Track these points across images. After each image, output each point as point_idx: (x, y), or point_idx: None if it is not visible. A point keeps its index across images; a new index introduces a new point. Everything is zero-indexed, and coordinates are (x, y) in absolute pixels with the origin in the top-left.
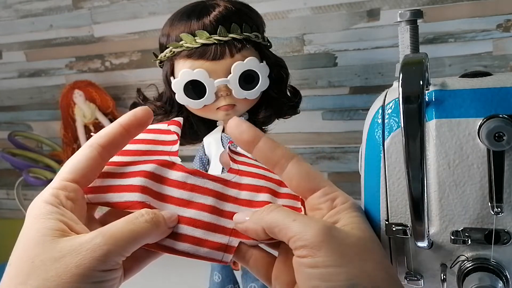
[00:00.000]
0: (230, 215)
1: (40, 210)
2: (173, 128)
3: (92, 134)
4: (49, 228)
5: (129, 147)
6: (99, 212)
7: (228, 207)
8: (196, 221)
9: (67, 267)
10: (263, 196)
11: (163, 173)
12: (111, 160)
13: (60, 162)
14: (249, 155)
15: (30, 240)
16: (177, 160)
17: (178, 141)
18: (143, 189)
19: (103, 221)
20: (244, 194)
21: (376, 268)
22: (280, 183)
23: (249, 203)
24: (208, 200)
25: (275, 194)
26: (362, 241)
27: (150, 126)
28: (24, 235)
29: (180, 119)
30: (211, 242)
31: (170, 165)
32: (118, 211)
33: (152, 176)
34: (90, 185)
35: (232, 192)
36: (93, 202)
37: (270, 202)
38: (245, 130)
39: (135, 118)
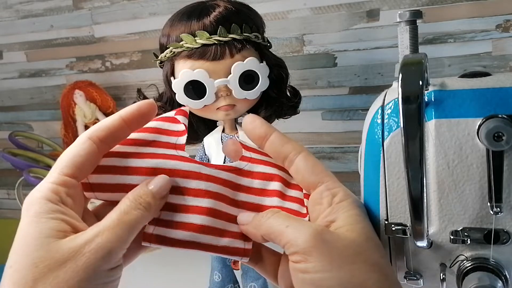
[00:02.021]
0: (244, 205)
1: (41, 208)
2: (180, 118)
3: None
4: (52, 228)
5: (133, 135)
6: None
7: (242, 197)
8: (216, 211)
9: (74, 270)
10: (274, 185)
11: (175, 166)
12: (114, 149)
13: None
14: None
15: (32, 242)
16: (185, 154)
17: (186, 133)
18: None
19: (97, 213)
20: (257, 183)
21: (369, 271)
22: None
23: (262, 192)
24: (224, 190)
25: (286, 183)
26: (355, 243)
27: None
28: (24, 236)
29: (186, 109)
30: (231, 232)
31: (179, 158)
32: (111, 202)
33: (163, 171)
34: (97, 181)
35: (245, 181)
36: (100, 199)
37: (281, 192)
38: (258, 125)
39: (138, 112)
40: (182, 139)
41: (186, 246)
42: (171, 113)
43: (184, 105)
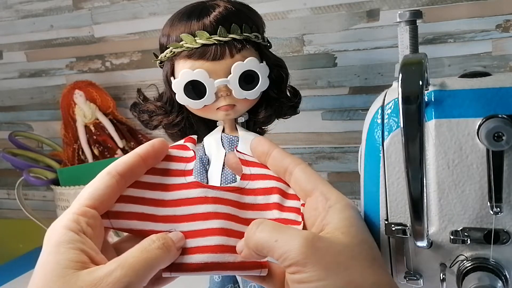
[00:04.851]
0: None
1: (61, 237)
2: (189, 145)
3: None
4: (70, 260)
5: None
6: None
7: (249, 214)
8: (227, 230)
9: None
10: (274, 197)
11: (184, 195)
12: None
13: (61, 162)
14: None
15: (51, 272)
16: (192, 179)
17: (195, 159)
18: (167, 218)
19: (117, 248)
20: (260, 199)
21: (364, 274)
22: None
23: (266, 206)
24: (232, 210)
25: (284, 194)
26: (349, 247)
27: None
28: (44, 265)
29: (194, 137)
30: None
31: (187, 186)
32: (133, 237)
33: (174, 203)
34: (112, 209)
35: (249, 199)
36: (115, 228)
37: (280, 203)
38: (262, 143)
39: (152, 148)
40: (191, 165)
41: (207, 268)
42: (181, 141)
43: (183, 105)
